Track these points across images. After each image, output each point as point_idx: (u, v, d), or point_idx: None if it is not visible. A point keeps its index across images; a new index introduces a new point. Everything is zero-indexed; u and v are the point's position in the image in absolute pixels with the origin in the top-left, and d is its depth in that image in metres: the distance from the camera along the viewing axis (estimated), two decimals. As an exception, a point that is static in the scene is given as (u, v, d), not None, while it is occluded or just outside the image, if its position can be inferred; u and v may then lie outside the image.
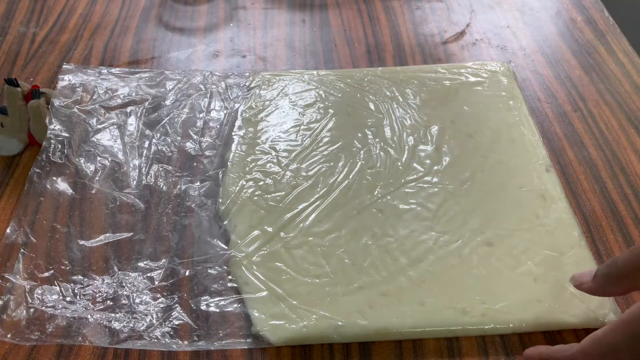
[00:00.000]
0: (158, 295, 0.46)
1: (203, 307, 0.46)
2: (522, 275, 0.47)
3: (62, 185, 0.54)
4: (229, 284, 0.47)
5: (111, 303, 0.46)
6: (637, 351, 0.34)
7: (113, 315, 0.45)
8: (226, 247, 0.49)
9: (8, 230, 0.50)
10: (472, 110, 0.61)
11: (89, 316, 0.45)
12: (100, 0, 0.78)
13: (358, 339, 0.44)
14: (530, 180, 0.54)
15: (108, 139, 0.58)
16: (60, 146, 0.57)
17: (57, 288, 0.47)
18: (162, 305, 0.46)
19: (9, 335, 0.44)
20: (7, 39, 0.72)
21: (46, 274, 0.47)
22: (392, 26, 0.74)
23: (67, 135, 0.58)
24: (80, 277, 0.47)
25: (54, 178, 0.54)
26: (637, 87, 0.65)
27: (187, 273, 0.48)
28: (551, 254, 0.48)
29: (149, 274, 0.48)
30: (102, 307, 0.46)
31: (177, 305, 0.46)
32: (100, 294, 0.46)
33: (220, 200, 0.53)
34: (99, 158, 0.56)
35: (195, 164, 0.56)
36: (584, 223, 0.52)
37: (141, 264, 0.48)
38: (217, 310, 0.46)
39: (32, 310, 0.45)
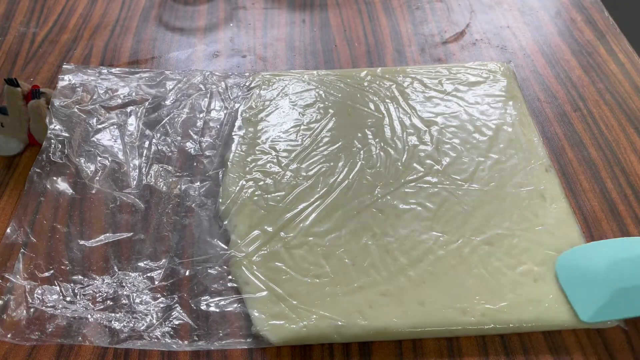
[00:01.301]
0: (158, 295, 0.46)
1: (203, 307, 0.46)
2: (522, 275, 0.47)
3: (62, 185, 0.54)
4: (229, 284, 0.47)
5: (111, 303, 0.46)
6: None
7: (113, 315, 0.45)
8: (226, 247, 0.49)
9: (8, 230, 0.50)
10: (471, 110, 0.61)
11: (89, 316, 0.45)
12: (100, 0, 0.78)
13: (358, 339, 0.44)
14: (530, 180, 0.54)
15: (108, 139, 0.58)
16: (60, 146, 0.57)
17: (57, 288, 0.47)
18: (162, 305, 0.46)
19: (9, 335, 0.44)
20: (7, 39, 0.72)
21: (46, 274, 0.47)
22: (392, 26, 0.74)
23: (67, 135, 0.58)
24: (80, 277, 0.47)
25: (54, 178, 0.54)
26: (637, 87, 0.65)
27: (187, 273, 0.48)
28: (551, 254, 0.48)
29: (149, 274, 0.48)
30: (102, 307, 0.46)
31: (177, 305, 0.46)
32: (100, 294, 0.46)
33: (220, 200, 0.53)
34: (99, 158, 0.56)
35: (195, 164, 0.56)
36: (584, 223, 0.52)
37: (141, 264, 0.48)
38: (217, 310, 0.46)
39: (32, 310, 0.45)
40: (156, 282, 0.47)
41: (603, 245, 0.48)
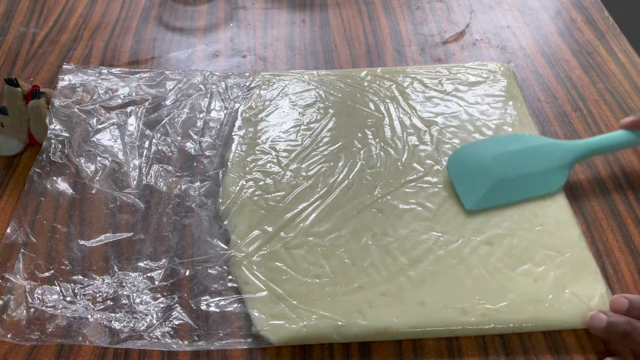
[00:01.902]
0: (158, 295, 0.46)
1: (203, 307, 0.46)
2: (522, 275, 0.47)
3: (62, 185, 0.54)
4: (229, 284, 0.47)
5: (111, 303, 0.46)
6: None
7: (113, 315, 0.45)
8: (226, 247, 0.49)
9: (8, 230, 0.50)
10: (472, 110, 0.61)
11: (89, 316, 0.45)
12: (100, 0, 0.78)
13: (358, 339, 0.44)
14: (530, 180, 0.54)
15: (108, 139, 0.58)
16: (60, 146, 0.57)
17: (57, 288, 0.47)
18: (162, 305, 0.46)
19: (9, 335, 0.44)
20: (7, 39, 0.72)
21: (46, 274, 0.47)
22: (392, 26, 0.74)
23: (67, 135, 0.58)
24: (80, 277, 0.47)
25: (54, 178, 0.54)
26: (637, 87, 0.65)
27: (187, 273, 0.48)
28: (551, 254, 0.48)
29: (149, 274, 0.48)
30: (102, 307, 0.46)
31: (177, 305, 0.46)
32: (101, 294, 0.46)
33: (220, 200, 0.53)
34: (99, 158, 0.56)
35: (195, 164, 0.56)
36: (584, 223, 0.52)
37: (141, 264, 0.48)
38: (217, 310, 0.46)
39: (32, 310, 0.45)
40: (156, 282, 0.47)
41: (490, 142, 0.55)
